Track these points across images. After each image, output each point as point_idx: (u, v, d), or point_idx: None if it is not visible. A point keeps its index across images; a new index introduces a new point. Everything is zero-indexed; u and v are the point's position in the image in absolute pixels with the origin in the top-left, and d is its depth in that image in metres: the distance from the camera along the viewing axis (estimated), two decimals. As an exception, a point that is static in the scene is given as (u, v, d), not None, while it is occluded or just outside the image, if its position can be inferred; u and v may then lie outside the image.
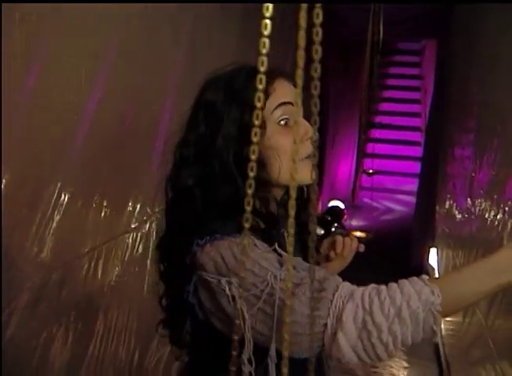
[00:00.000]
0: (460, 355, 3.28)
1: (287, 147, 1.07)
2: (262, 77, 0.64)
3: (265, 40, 0.61)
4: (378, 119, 9.56)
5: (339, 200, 6.76)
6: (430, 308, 0.92)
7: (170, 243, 1.12)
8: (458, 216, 3.78)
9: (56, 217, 1.49)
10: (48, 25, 1.33)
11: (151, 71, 1.92)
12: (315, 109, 0.68)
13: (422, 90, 9.62)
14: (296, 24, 0.60)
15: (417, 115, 9.50)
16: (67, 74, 1.46)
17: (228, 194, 1.04)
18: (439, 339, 0.95)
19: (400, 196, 8.63)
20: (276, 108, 1.09)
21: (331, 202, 6.68)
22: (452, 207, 4.16)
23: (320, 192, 6.34)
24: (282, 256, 1.02)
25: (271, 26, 0.61)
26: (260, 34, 0.60)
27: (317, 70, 0.65)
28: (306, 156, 1.09)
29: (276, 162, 1.08)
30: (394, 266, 4.37)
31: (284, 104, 1.09)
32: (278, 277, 0.96)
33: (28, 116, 1.35)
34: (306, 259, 1.01)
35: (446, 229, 4.41)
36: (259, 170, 0.80)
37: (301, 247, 1.10)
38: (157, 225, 2.14)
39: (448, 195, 4.49)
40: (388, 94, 9.93)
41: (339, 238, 1.40)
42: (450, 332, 3.76)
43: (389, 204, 8.60)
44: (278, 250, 1.03)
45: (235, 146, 1.04)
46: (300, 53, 0.61)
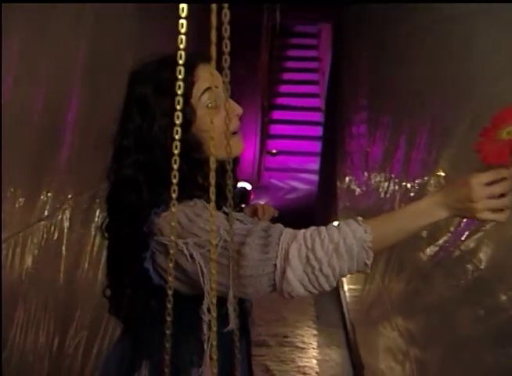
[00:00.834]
0: (362, 318, 3.54)
1: (218, 126, 1.13)
2: (181, 68, 0.77)
3: (182, 37, 0.73)
4: (279, 101, 9.83)
5: (245, 181, 6.94)
6: (362, 244, 1.08)
7: (123, 217, 1.22)
8: (357, 190, 4.03)
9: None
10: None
11: (57, 62, 1.94)
12: (228, 93, 0.83)
13: (320, 71, 9.94)
14: (207, 23, 0.72)
15: (316, 96, 9.82)
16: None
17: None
18: (345, 305, 1.12)
19: (303, 174, 8.91)
20: (202, 94, 1.21)
21: (238, 184, 6.83)
22: (351, 182, 4.42)
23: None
24: (229, 215, 1.11)
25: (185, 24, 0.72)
26: (177, 32, 0.72)
27: (227, 61, 0.80)
28: (234, 131, 1.24)
29: (211, 141, 1.20)
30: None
31: (209, 89, 1.21)
32: (230, 231, 1.08)
33: None
34: None
35: (347, 203, 4.67)
36: (198, 150, 0.97)
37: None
38: (71, 211, 2.18)
39: (347, 171, 4.75)
40: (287, 76, 10.20)
41: (260, 205, 1.61)
42: (354, 299, 4.03)
43: (293, 183, 8.87)
44: (225, 210, 1.14)
45: (170, 133, 1.14)
46: (212, 48, 0.73)
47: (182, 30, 0.73)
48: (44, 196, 1.94)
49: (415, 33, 2.20)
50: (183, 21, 0.72)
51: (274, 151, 8.09)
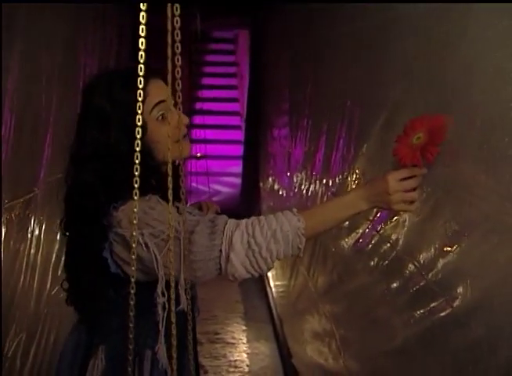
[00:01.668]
0: (290, 311, 3.72)
1: (166, 134, 1.28)
2: (141, 79, 0.91)
3: (142, 53, 0.86)
4: (199, 105, 9.90)
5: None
6: (297, 231, 1.27)
7: (82, 214, 1.35)
8: (280, 191, 4.22)
9: None
10: None
11: None
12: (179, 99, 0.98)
13: (238, 76, 10.11)
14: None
15: (235, 100, 9.98)
16: None
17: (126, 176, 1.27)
18: (272, 300, 1.32)
19: (226, 178, 9.03)
20: (153, 108, 1.35)
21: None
22: (274, 183, 4.60)
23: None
24: (179, 208, 1.29)
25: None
26: (137, 48, 0.85)
27: (179, 73, 0.94)
28: (182, 137, 1.38)
29: (160, 151, 1.35)
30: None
31: (159, 103, 1.35)
32: (180, 222, 1.24)
33: None
34: None
35: (271, 203, 4.85)
36: (150, 157, 1.15)
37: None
38: (6, 217, 2.22)
39: (270, 172, 4.94)
40: (207, 81, 10.30)
41: (204, 202, 1.79)
42: (281, 294, 4.21)
43: (216, 187, 8.98)
44: (177, 204, 1.29)
45: (124, 143, 1.29)
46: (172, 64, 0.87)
47: (142, 46, 0.86)
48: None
49: (333, 41, 2.39)
50: (142, 40, 0.85)
51: (198, 155, 8.18)
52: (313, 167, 2.63)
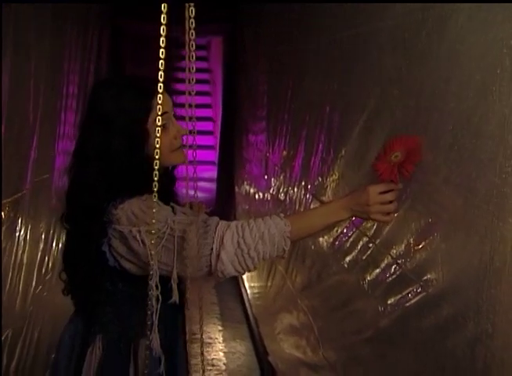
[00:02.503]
0: (266, 311, 3.83)
1: (166, 143, 1.48)
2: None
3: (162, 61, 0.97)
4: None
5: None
6: (283, 234, 1.38)
7: (83, 210, 1.46)
8: (256, 195, 4.33)
9: None
10: None
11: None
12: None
13: (211, 82, 10.21)
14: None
15: (208, 106, 10.07)
16: None
17: (128, 177, 1.44)
18: (247, 302, 1.48)
19: (200, 183, 9.08)
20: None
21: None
22: (250, 187, 4.72)
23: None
24: (174, 209, 1.44)
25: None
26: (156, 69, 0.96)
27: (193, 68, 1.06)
28: (179, 146, 1.55)
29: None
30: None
31: (163, 114, 1.43)
32: (175, 221, 1.37)
33: None
34: None
35: (246, 207, 4.97)
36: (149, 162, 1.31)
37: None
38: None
39: (246, 176, 5.05)
40: (179, 87, 10.33)
41: (195, 203, 1.88)
42: (256, 295, 4.32)
43: (191, 192, 9.01)
44: (172, 205, 1.46)
45: (127, 148, 1.42)
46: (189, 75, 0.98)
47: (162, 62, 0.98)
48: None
49: (312, 49, 2.52)
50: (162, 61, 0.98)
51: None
52: (292, 171, 2.76)
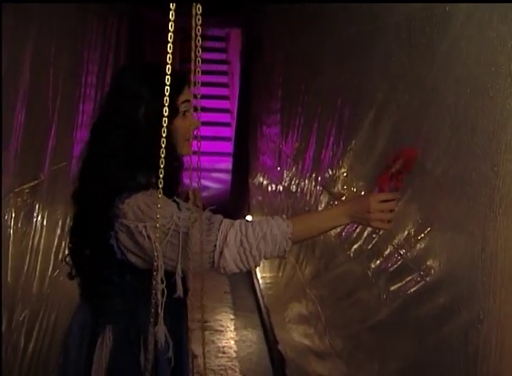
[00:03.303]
0: (277, 300, 3.89)
1: (182, 129, 1.54)
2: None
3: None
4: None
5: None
6: (284, 235, 1.43)
7: (93, 203, 1.50)
8: (269, 186, 4.38)
9: None
10: None
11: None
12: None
13: (229, 74, 10.25)
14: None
15: (226, 98, 10.13)
16: None
17: (141, 167, 1.50)
18: (259, 291, 1.55)
19: (215, 174, 9.15)
20: (181, 104, 1.53)
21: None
22: (263, 178, 4.77)
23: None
24: (179, 204, 1.48)
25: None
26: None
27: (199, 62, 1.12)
28: (188, 138, 1.58)
29: (175, 140, 1.54)
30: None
31: (186, 101, 1.53)
32: (180, 217, 1.42)
33: None
34: None
35: (259, 198, 5.02)
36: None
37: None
38: (14, 204, 2.35)
39: (259, 168, 5.10)
40: (198, 78, 10.36)
41: (191, 191, 1.88)
42: (268, 285, 4.38)
43: (205, 183, 9.09)
44: (176, 200, 1.49)
45: (152, 127, 1.44)
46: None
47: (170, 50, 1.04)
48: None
49: (325, 44, 2.56)
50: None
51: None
52: (304, 163, 2.80)
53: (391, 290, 1.56)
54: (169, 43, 1.22)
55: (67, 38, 2.98)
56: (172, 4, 1.13)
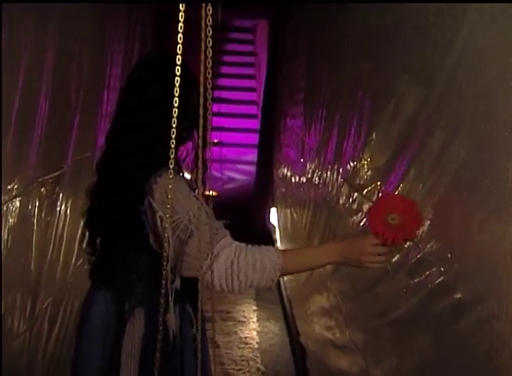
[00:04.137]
0: (299, 293, 3.89)
1: None
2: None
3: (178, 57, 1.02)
4: (216, 94, 10.00)
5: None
6: (274, 266, 1.45)
7: (129, 179, 1.54)
8: (293, 178, 4.37)
9: None
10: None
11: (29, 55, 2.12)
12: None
13: (256, 66, 10.21)
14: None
15: (253, 90, 10.10)
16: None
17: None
18: (282, 283, 1.56)
19: (241, 166, 9.16)
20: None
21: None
22: (287, 170, 4.76)
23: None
24: (198, 199, 1.49)
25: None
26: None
27: (210, 63, 1.10)
28: None
29: None
30: (240, 227, 4.89)
31: None
32: (196, 216, 1.45)
33: None
34: None
35: (283, 189, 5.01)
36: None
37: None
38: (38, 193, 2.38)
39: (283, 160, 5.09)
40: (225, 70, 10.40)
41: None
42: (291, 277, 4.38)
43: (231, 174, 9.12)
44: (197, 196, 1.50)
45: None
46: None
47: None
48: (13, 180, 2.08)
49: (348, 36, 2.54)
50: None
51: (215, 141, 8.32)
52: (326, 154, 2.79)
53: (411, 284, 1.54)
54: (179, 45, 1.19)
55: (91, 29, 3.00)
56: (182, 5, 1.12)
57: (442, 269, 1.36)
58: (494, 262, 1.09)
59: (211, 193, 1.68)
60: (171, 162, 1.32)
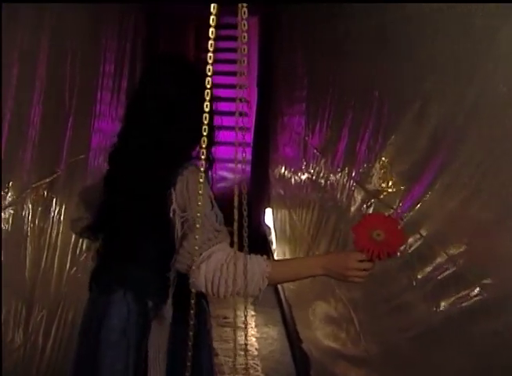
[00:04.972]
0: (299, 297, 3.78)
1: None
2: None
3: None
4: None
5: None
6: (262, 274, 1.46)
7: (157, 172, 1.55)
8: (292, 179, 4.24)
9: None
10: None
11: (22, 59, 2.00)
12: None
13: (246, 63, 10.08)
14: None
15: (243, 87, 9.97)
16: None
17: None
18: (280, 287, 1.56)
19: (232, 164, 9.02)
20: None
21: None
22: (285, 170, 4.64)
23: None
24: (213, 204, 1.55)
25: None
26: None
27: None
28: None
29: None
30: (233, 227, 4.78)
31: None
32: (207, 215, 1.46)
33: None
34: None
35: (281, 190, 4.89)
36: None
37: None
38: (31, 199, 2.25)
39: (280, 160, 4.97)
40: (215, 67, 10.24)
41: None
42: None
43: (223, 173, 8.97)
44: (211, 196, 1.55)
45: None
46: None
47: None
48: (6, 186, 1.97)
49: (356, 32, 2.42)
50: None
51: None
52: (334, 156, 2.67)
53: (442, 301, 1.42)
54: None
55: (84, 29, 2.88)
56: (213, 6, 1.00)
57: (480, 288, 1.25)
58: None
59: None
60: (202, 157, 1.34)
